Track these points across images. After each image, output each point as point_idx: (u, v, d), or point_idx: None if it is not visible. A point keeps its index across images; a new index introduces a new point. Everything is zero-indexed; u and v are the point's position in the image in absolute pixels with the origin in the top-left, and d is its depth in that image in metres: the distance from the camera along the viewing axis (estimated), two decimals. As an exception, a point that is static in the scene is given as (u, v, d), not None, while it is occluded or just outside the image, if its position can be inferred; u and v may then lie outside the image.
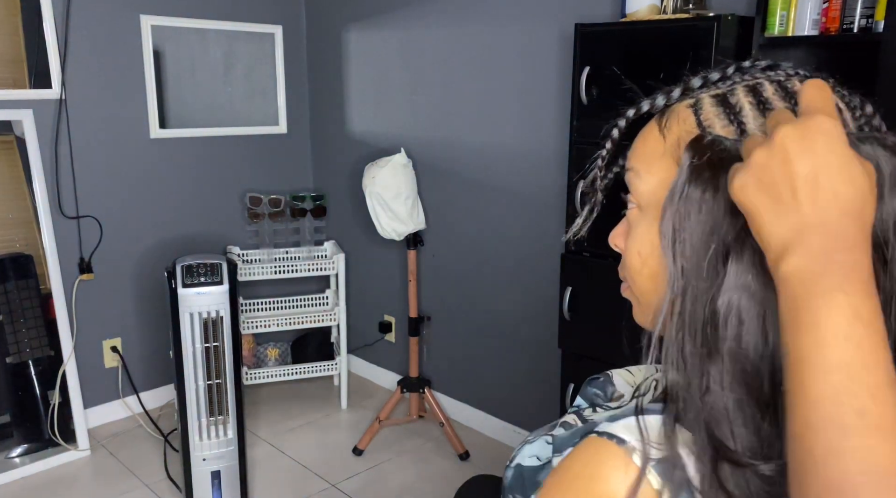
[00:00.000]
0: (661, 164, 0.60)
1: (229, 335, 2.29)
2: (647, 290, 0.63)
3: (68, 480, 2.64)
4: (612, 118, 0.69)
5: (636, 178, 0.62)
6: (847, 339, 0.43)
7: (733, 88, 0.58)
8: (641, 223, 0.62)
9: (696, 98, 0.60)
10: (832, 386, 0.43)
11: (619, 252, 0.67)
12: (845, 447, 0.42)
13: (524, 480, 0.68)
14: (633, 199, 0.63)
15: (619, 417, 0.58)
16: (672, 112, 0.61)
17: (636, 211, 0.63)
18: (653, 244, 0.60)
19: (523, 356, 2.77)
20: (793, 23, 1.74)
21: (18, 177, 2.70)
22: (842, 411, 0.42)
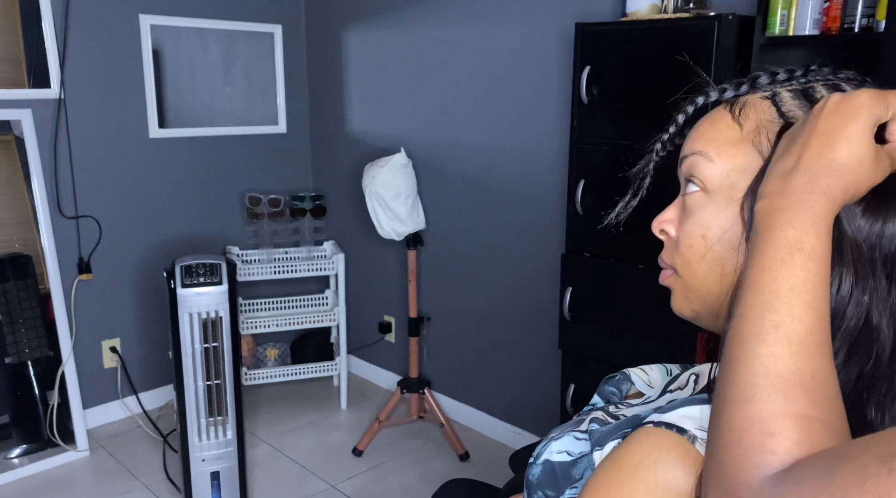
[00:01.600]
0: (738, 150, 0.61)
1: (229, 335, 2.28)
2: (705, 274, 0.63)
3: (67, 481, 2.63)
4: (611, 117, 0.69)
5: (706, 161, 0.63)
6: (783, 264, 0.48)
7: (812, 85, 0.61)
8: (707, 207, 0.63)
9: (772, 91, 0.62)
10: (760, 303, 0.48)
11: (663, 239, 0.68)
12: (756, 353, 0.47)
13: (556, 475, 0.68)
14: (697, 182, 0.63)
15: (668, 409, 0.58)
16: (746, 103, 0.63)
17: (700, 195, 0.63)
18: (722, 227, 0.61)
19: (523, 356, 2.77)
20: (794, 22, 1.74)
21: (17, 177, 2.69)
22: (761, 323, 0.48)
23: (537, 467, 0.70)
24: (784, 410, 0.44)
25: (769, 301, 0.48)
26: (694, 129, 0.66)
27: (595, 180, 2.10)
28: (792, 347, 0.46)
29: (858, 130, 0.50)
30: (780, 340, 0.47)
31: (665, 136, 0.71)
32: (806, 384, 0.45)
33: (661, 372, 0.83)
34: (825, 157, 0.50)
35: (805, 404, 0.44)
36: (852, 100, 0.51)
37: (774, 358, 0.46)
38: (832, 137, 0.50)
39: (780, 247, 0.49)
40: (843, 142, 0.50)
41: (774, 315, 0.47)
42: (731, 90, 0.65)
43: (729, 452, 0.45)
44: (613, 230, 0.76)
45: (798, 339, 0.46)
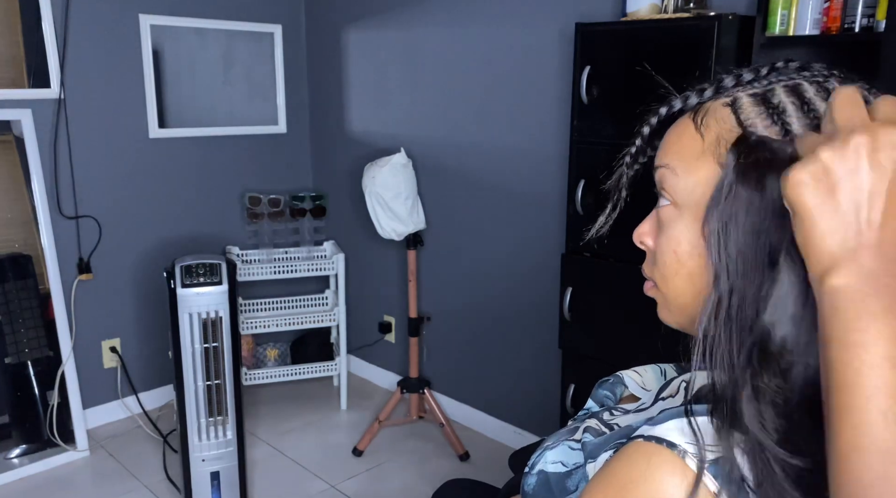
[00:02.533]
0: (700, 162, 0.59)
1: (228, 335, 2.28)
2: (681, 290, 0.62)
3: (67, 481, 2.63)
4: (611, 117, 0.69)
5: (672, 175, 0.61)
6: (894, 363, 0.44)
7: (772, 88, 0.58)
8: (678, 221, 0.61)
9: (732, 97, 0.59)
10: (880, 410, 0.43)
11: (644, 249, 0.66)
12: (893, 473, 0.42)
13: (551, 486, 0.68)
14: (667, 196, 0.62)
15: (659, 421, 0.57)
16: (708, 110, 0.60)
17: (671, 208, 0.61)
18: (692, 243, 0.59)
19: (523, 356, 2.77)
20: (794, 22, 1.74)
21: (17, 177, 2.69)
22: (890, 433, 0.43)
23: (532, 478, 0.70)
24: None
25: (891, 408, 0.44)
26: (663, 139, 0.64)
27: (595, 180, 2.09)
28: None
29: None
30: None
31: (632, 149, 0.70)
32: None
33: (655, 372, 0.82)
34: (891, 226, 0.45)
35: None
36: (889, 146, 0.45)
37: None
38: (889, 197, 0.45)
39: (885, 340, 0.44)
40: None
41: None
42: (694, 97, 0.63)
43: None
44: (596, 243, 0.76)
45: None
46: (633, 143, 0.69)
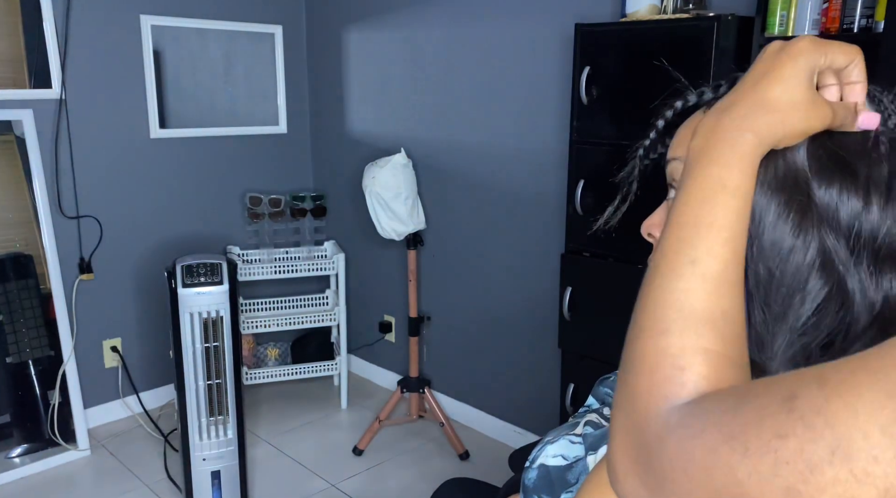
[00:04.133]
0: None
1: (229, 335, 2.29)
2: None
3: (68, 480, 2.64)
4: (610, 117, 0.69)
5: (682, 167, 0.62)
6: (704, 201, 0.49)
7: None
8: None
9: None
10: (678, 238, 0.49)
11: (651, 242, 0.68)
12: (672, 287, 0.48)
13: (552, 479, 0.68)
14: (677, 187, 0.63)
15: None
16: None
17: None
18: None
19: (523, 356, 2.77)
20: (793, 23, 1.74)
21: (18, 177, 2.70)
22: (679, 259, 0.48)
23: (533, 472, 0.70)
24: (695, 346, 0.45)
25: (688, 237, 0.48)
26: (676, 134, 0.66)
27: (595, 180, 2.10)
28: (706, 283, 0.47)
29: (792, 72, 0.50)
30: (696, 276, 0.47)
31: (647, 142, 0.71)
32: (716, 322, 0.46)
33: None
34: (756, 96, 0.50)
35: (714, 341, 0.46)
36: (791, 45, 0.51)
37: (689, 293, 0.47)
38: (765, 77, 0.50)
39: (703, 184, 0.49)
40: (775, 82, 0.50)
41: (692, 251, 0.48)
42: (709, 93, 0.64)
43: (641, 381, 0.46)
44: (603, 234, 0.76)
45: (713, 275, 0.47)
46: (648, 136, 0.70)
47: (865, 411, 0.34)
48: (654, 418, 0.44)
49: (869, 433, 0.34)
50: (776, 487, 0.36)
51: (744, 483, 0.37)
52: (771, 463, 0.36)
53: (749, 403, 0.39)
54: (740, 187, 0.49)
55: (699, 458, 0.40)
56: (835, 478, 0.34)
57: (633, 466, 0.45)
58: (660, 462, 0.42)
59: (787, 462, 0.36)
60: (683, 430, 0.41)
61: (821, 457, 0.35)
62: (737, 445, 0.38)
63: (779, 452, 0.36)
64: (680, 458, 0.41)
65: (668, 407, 0.44)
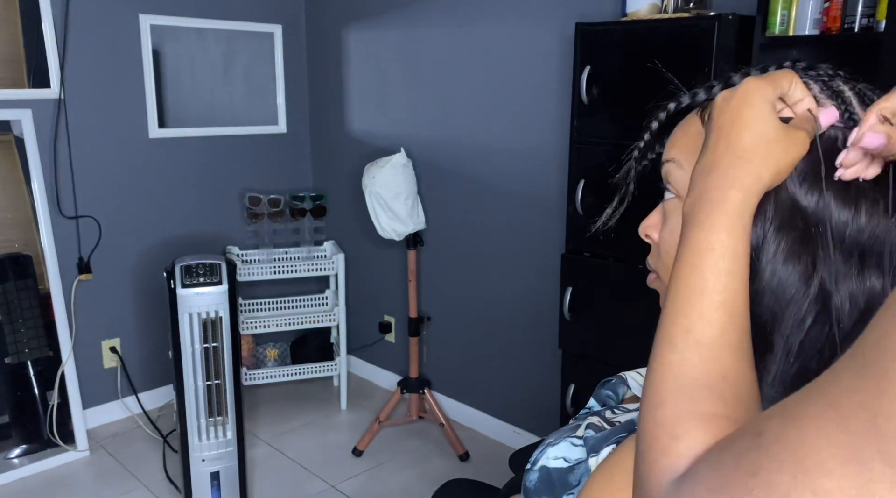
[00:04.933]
0: None
1: (228, 336, 2.28)
2: None
3: (67, 481, 2.63)
4: (611, 117, 0.69)
5: (678, 169, 0.63)
6: (693, 268, 0.48)
7: None
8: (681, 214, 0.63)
9: None
10: (672, 308, 0.49)
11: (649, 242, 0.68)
12: (669, 360, 0.47)
13: (553, 481, 0.68)
14: (672, 189, 0.64)
15: None
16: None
17: (675, 201, 0.63)
18: None
19: (523, 356, 2.77)
20: (794, 22, 1.73)
21: (17, 177, 2.69)
22: (673, 329, 0.48)
23: (534, 474, 0.70)
24: (688, 412, 0.45)
25: (681, 306, 0.48)
26: (671, 134, 0.66)
27: (595, 180, 2.10)
28: (702, 350, 0.46)
29: (754, 113, 0.50)
30: (689, 344, 0.47)
31: (641, 144, 0.71)
32: (714, 385, 0.45)
33: None
34: (730, 150, 0.50)
35: (711, 404, 0.45)
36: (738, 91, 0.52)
37: (684, 363, 0.46)
38: (732, 129, 0.50)
39: (691, 251, 0.49)
40: (742, 130, 0.50)
41: (685, 320, 0.47)
42: (702, 94, 0.64)
43: (644, 459, 0.46)
44: (602, 235, 0.76)
45: (708, 341, 0.46)
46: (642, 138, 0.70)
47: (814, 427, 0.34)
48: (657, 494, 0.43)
49: (818, 448, 0.34)
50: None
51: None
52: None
53: (727, 452, 0.39)
54: (728, 247, 0.48)
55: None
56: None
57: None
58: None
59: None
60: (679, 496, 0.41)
61: (787, 484, 0.35)
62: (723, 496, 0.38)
63: (754, 491, 0.36)
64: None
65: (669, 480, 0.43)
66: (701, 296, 0.47)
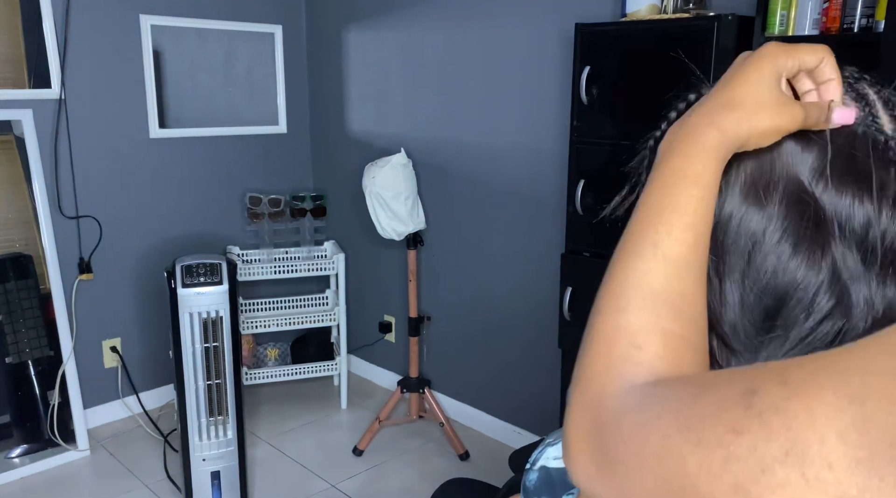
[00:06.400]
0: None
1: (229, 335, 2.28)
2: None
3: (68, 481, 2.63)
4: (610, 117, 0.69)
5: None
6: (666, 188, 0.50)
7: None
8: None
9: None
10: (642, 222, 0.50)
11: None
12: (633, 268, 0.49)
13: (553, 481, 0.68)
14: None
15: None
16: None
17: None
18: None
19: (523, 356, 2.77)
20: (793, 22, 1.74)
21: (18, 177, 2.69)
22: (642, 241, 0.50)
23: (534, 474, 0.70)
24: (653, 325, 0.46)
25: (651, 221, 0.50)
26: None
27: (595, 180, 2.10)
28: (667, 264, 0.48)
29: (757, 74, 0.51)
30: (657, 257, 0.48)
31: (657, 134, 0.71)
32: (675, 302, 0.47)
33: None
34: (722, 96, 0.52)
35: (672, 321, 0.46)
36: (757, 51, 0.53)
37: (649, 273, 0.48)
38: (732, 80, 0.52)
39: (667, 174, 0.51)
40: (740, 83, 0.52)
41: (654, 234, 0.49)
42: None
43: (598, 360, 0.47)
44: (609, 224, 0.76)
45: (674, 258, 0.48)
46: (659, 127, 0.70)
47: (824, 415, 0.33)
48: (611, 397, 0.44)
49: (825, 438, 0.33)
50: (725, 482, 0.35)
51: (693, 475, 0.37)
52: (722, 458, 0.35)
53: (708, 394, 0.39)
54: (702, 177, 0.50)
55: (653, 443, 0.39)
56: (785, 479, 0.33)
57: (586, 445, 0.44)
58: (613, 442, 0.42)
59: (739, 459, 0.35)
60: (639, 413, 0.41)
61: (774, 457, 0.34)
62: (691, 436, 0.37)
63: (731, 447, 0.35)
64: (634, 440, 0.40)
65: (625, 386, 0.44)
66: (672, 214, 0.49)
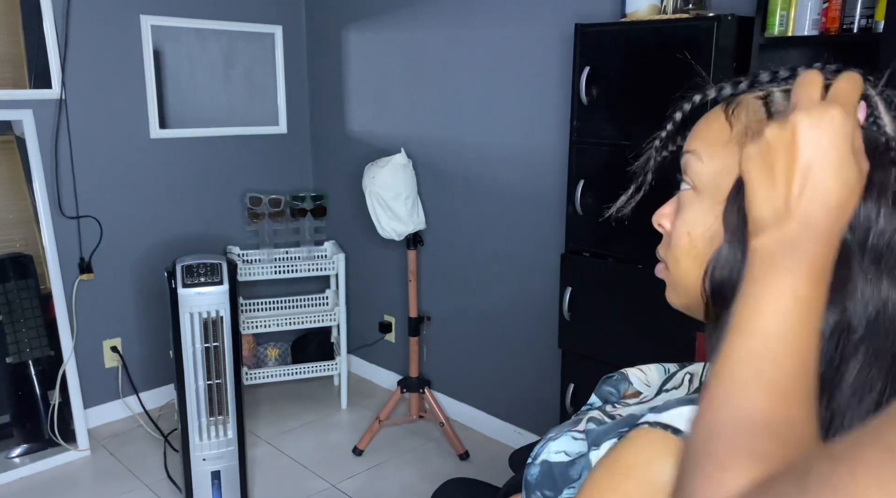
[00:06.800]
0: (726, 150, 0.61)
1: (229, 335, 2.29)
2: (688, 270, 0.64)
3: (68, 480, 2.64)
4: (610, 117, 0.70)
5: (697, 160, 0.63)
6: (775, 312, 0.48)
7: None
8: (696, 205, 0.63)
9: (767, 91, 0.61)
10: (746, 348, 0.48)
11: (662, 232, 0.68)
12: (733, 396, 0.47)
13: (554, 475, 0.69)
14: (688, 180, 0.64)
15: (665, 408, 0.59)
16: (741, 102, 0.62)
17: (690, 192, 0.64)
18: (705, 226, 0.62)
19: (523, 356, 2.77)
20: (793, 23, 1.74)
21: (18, 177, 2.70)
22: (744, 368, 0.47)
23: (535, 468, 0.71)
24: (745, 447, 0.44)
25: (755, 347, 0.47)
26: (694, 127, 0.66)
27: (594, 180, 2.10)
28: (771, 394, 0.46)
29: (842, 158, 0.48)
30: (760, 387, 0.46)
31: (663, 134, 0.71)
32: (775, 427, 0.44)
33: (659, 371, 0.83)
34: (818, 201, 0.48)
35: (769, 443, 0.44)
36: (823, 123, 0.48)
37: (750, 401, 0.46)
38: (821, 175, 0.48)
39: (775, 295, 0.48)
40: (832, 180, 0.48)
41: (759, 362, 0.47)
42: (729, 88, 0.64)
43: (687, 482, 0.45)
44: (614, 223, 0.76)
45: (779, 387, 0.46)
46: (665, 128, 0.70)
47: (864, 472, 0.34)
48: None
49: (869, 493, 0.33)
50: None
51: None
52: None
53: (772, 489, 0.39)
54: (812, 300, 0.48)
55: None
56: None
57: None
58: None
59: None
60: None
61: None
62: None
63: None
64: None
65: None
66: (777, 341, 0.47)
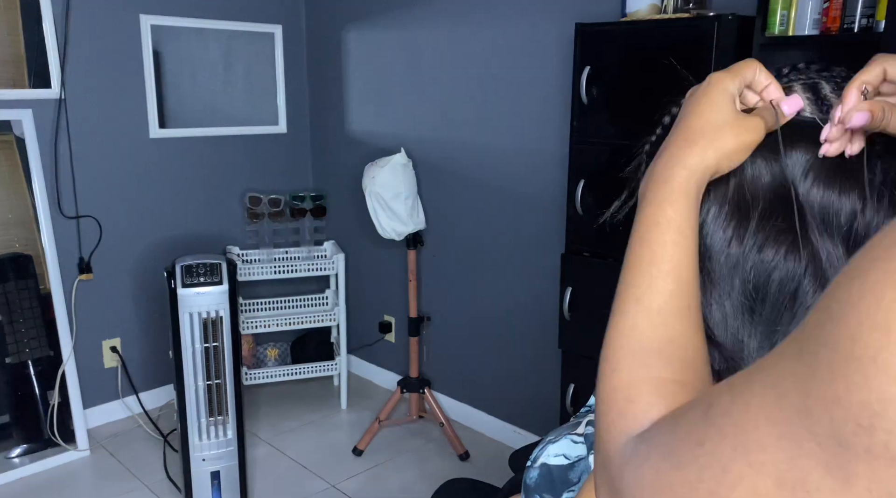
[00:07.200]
0: None
1: (229, 335, 2.28)
2: None
3: (68, 481, 2.63)
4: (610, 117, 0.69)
5: None
6: (640, 240, 0.52)
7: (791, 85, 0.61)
8: None
9: None
10: (625, 280, 0.52)
11: None
12: (620, 327, 0.51)
13: (553, 478, 0.69)
14: None
15: None
16: None
17: None
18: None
19: (523, 356, 2.77)
20: (793, 22, 1.74)
21: (18, 177, 2.69)
22: (626, 299, 0.51)
23: (535, 471, 0.71)
24: (641, 376, 0.47)
25: (632, 277, 0.52)
26: None
27: (595, 180, 2.10)
28: (651, 316, 0.49)
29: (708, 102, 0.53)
30: (641, 311, 0.50)
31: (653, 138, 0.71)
32: (663, 350, 0.48)
33: None
34: (681, 134, 0.53)
35: (660, 368, 0.47)
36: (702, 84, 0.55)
37: (635, 329, 0.49)
38: (687, 115, 0.54)
39: (641, 225, 0.52)
40: (694, 116, 0.53)
41: (636, 289, 0.51)
42: None
43: (602, 422, 0.49)
44: (609, 227, 0.76)
45: (657, 308, 0.49)
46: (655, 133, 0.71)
47: (756, 403, 0.36)
48: (616, 454, 0.46)
49: (758, 424, 0.35)
50: (702, 492, 0.38)
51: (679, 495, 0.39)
52: (696, 471, 0.38)
53: (681, 420, 0.41)
54: (673, 220, 0.51)
55: (648, 482, 0.41)
56: (740, 473, 0.36)
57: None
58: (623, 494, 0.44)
59: (707, 467, 0.37)
60: (635, 459, 0.43)
61: (728, 455, 0.36)
62: (673, 462, 0.40)
63: (700, 458, 0.38)
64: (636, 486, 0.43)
65: (625, 440, 0.46)
66: (649, 266, 0.51)
